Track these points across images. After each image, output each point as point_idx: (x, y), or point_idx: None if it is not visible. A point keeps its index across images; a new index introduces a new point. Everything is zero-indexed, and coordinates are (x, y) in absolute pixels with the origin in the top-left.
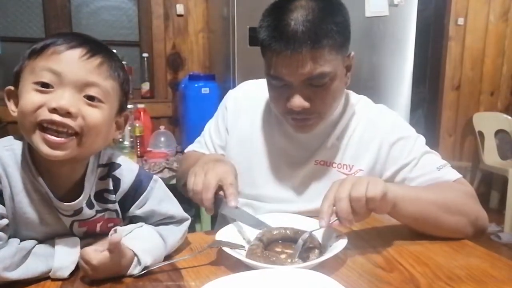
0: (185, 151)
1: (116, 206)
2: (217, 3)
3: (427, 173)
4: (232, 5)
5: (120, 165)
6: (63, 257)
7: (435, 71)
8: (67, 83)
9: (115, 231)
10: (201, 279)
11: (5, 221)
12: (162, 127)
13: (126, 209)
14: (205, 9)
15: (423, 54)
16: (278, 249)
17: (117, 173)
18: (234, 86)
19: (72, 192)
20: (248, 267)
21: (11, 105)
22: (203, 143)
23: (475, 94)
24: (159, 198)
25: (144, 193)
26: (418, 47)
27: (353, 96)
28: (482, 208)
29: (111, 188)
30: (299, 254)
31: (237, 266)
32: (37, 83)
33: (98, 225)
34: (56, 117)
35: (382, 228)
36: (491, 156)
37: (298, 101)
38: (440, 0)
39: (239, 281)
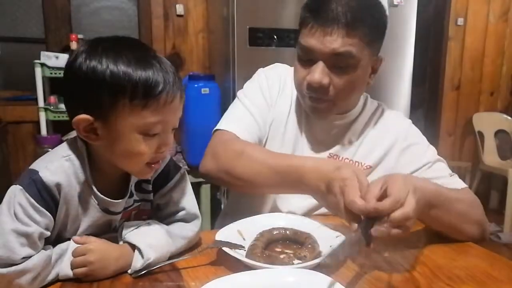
0: (225, 129)
1: (151, 196)
2: (217, 3)
3: (440, 177)
4: (232, 5)
5: None
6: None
7: (435, 71)
8: (170, 127)
9: (122, 226)
10: (201, 279)
11: (47, 233)
12: None
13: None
14: (205, 9)
15: (423, 54)
16: (278, 249)
17: None
18: (234, 86)
19: (116, 189)
20: (248, 267)
21: (82, 132)
22: (251, 119)
23: (475, 94)
24: (180, 189)
25: (170, 183)
26: (418, 47)
27: (371, 100)
28: (486, 218)
29: (149, 178)
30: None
31: (237, 266)
32: (148, 134)
33: (133, 213)
34: (163, 157)
35: None
36: (491, 156)
37: (318, 75)
38: (440, 0)
39: (239, 281)
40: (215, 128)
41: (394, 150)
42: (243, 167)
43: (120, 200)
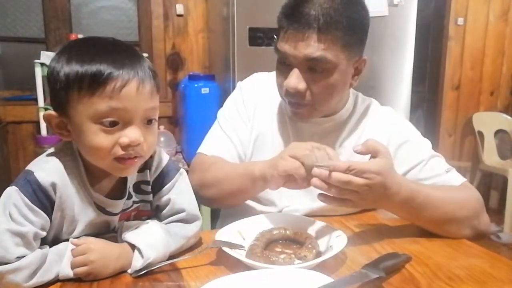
0: (204, 153)
1: (151, 197)
2: (217, 3)
3: (436, 175)
4: (232, 5)
5: (153, 156)
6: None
7: (435, 71)
8: (132, 117)
9: (122, 226)
10: (201, 279)
11: (43, 234)
12: (162, 127)
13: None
14: (205, 9)
15: (423, 54)
16: (278, 249)
17: (148, 163)
18: (234, 86)
19: (114, 190)
20: (248, 267)
21: (55, 129)
22: (227, 140)
23: (475, 94)
24: (179, 189)
25: (169, 184)
26: (418, 47)
27: (362, 98)
28: (485, 213)
29: (148, 179)
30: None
31: (237, 266)
32: (103, 123)
33: (132, 215)
34: (131, 152)
35: (382, 228)
36: (491, 156)
37: (293, 81)
38: (440, 0)
39: (239, 281)
40: (197, 151)
41: (389, 149)
42: (211, 185)
43: (116, 201)
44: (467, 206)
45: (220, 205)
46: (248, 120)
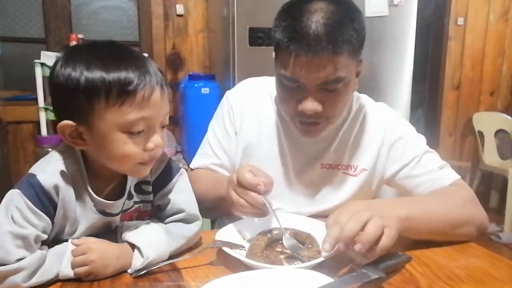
0: (192, 167)
1: (151, 197)
2: (217, 3)
3: (430, 172)
4: (232, 5)
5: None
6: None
7: (435, 71)
8: (156, 123)
9: (122, 226)
10: (201, 279)
11: (45, 236)
12: None
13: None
14: (205, 9)
15: (423, 54)
16: (278, 249)
17: None
18: (234, 86)
19: (114, 191)
20: (248, 267)
21: (67, 138)
22: (212, 154)
23: (475, 94)
24: (179, 190)
25: (169, 184)
26: (418, 47)
27: (356, 96)
28: (482, 209)
29: (149, 179)
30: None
31: (237, 266)
32: (132, 132)
33: (134, 216)
34: (155, 155)
35: None
36: (491, 156)
37: (311, 105)
38: (440, 0)
39: (239, 281)
40: (190, 166)
41: (384, 147)
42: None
43: (116, 202)
44: (466, 207)
45: (209, 218)
46: (235, 133)
